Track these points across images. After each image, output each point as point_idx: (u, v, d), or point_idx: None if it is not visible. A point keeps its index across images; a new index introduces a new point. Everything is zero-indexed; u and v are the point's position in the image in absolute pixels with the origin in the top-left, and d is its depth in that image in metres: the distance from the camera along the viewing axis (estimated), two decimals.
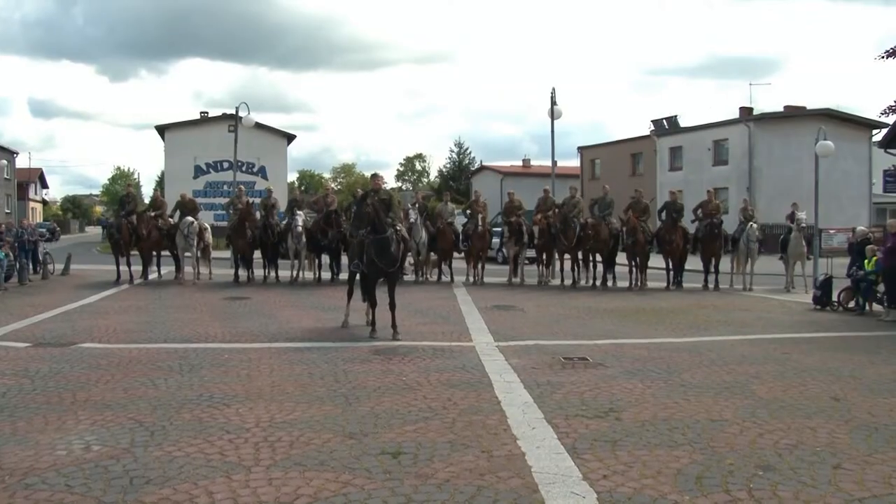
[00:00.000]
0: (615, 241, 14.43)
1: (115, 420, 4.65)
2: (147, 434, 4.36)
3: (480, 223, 14.55)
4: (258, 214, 14.74)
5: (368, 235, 7.75)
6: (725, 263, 14.85)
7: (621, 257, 14.90)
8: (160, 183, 48.43)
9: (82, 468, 3.78)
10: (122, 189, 51.55)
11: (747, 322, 9.62)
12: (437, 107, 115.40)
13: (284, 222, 14.80)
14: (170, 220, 14.65)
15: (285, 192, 34.23)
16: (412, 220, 14.03)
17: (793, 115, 30.86)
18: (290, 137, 39.00)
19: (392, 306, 8.05)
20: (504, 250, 16.94)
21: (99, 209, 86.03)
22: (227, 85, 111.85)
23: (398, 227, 8.30)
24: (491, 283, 15.08)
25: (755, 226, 14.28)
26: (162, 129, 37.11)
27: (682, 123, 35.96)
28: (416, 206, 14.98)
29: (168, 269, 15.30)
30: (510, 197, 15.50)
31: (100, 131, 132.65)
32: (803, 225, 13.80)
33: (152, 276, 14.74)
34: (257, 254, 14.94)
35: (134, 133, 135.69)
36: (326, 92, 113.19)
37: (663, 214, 14.54)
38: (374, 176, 9.35)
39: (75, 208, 76.44)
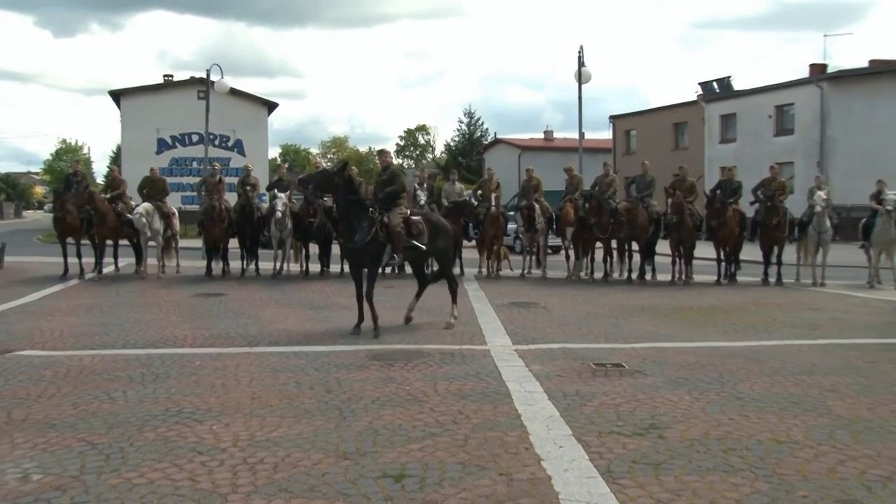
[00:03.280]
0: (655, 227, 14.40)
1: (61, 442, 4.65)
2: (101, 458, 4.37)
3: (494, 206, 14.54)
4: (233, 196, 14.81)
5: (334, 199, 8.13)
6: (790, 253, 14.77)
7: (663, 246, 14.87)
8: (115, 159, 48.87)
9: (18, 503, 3.77)
10: (67, 166, 51.88)
11: (819, 324, 9.55)
12: (443, 70, 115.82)
13: (266, 206, 14.89)
14: (131, 202, 14.73)
15: (266, 170, 34.34)
16: (422, 202, 14.03)
17: (880, 70, 29.70)
18: (271, 106, 39.06)
19: (366, 297, 8.30)
20: (522, 238, 16.97)
21: (40, 190, 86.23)
22: (196, 43, 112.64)
23: (386, 216, 8.42)
24: (508, 276, 15.10)
25: (822, 196, 13.91)
26: (117, 95, 37.17)
27: (737, 86, 35.75)
28: (425, 185, 14.96)
29: (127, 261, 15.41)
30: (528, 174, 15.48)
31: (41, 96, 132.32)
32: (889, 207, 13.45)
33: (108, 269, 14.84)
34: (234, 243, 15.04)
35: (83, 99, 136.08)
36: (314, 52, 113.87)
37: (716, 195, 14.46)
38: (382, 152, 9.53)
39: (10, 189, 75.65)
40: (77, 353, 7.31)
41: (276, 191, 14.21)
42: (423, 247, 8.82)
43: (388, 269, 13.06)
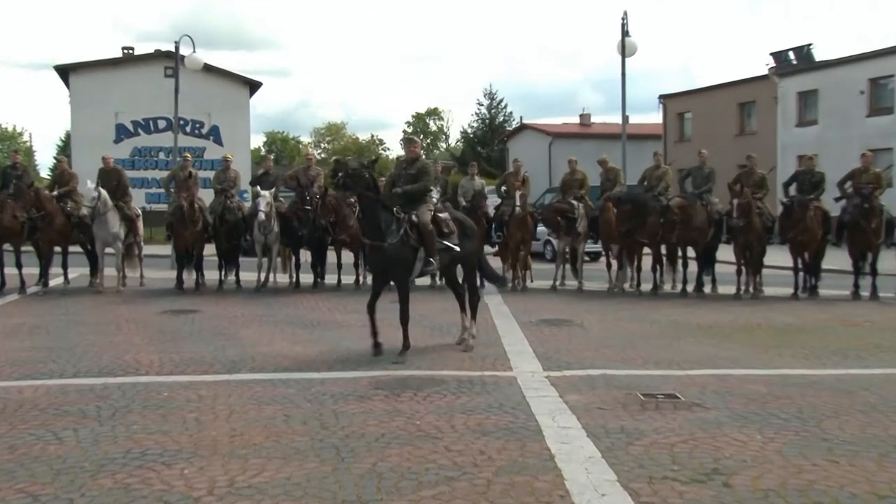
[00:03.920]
0: (716, 229, 14.40)
1: None
2: None
3: (520, 205, 14.63)
4: (209, 194, 14.97)
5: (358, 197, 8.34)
6: (889, 260, 14.70)
7: (725, 251, 14.83)
8: (64, 149, 49.33)
9: None
10: (5, 158, 52.11)
11: None
12: (457, 42, 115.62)
13: (248, 206, 15.08)
14: (83, 200, 14.79)
15: (248, 163, 34.65)
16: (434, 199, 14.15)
17: None
18: (253, 86, 39.49)
19: (401, 320, 8.53)
20: (554, 242, 17.00)
21: None
22: (161, 10, 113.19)
23: (413, 213, 8.61)
24: (537, 288, 15.13)
25: None
26: (65, 71, 37.64)
27: (819, 56, 35.64)
28: (438, 181, 15.06)
29: (79, 272, 15.60)
30: (571, 167, 15.55)
31: None
32: None
33: (56, 281, 15.01)
34: (210, 249, 15.22)
35: (23, 76, 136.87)
36: (302, 22, 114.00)
37: (792, 189, 14.44)
38: (409, 141, 9.73)
39: None
40: (16, 385, 7.40)
41: (258, 188, 14.36)
42: (457, 248, 8.99)
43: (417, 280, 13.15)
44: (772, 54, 37.18)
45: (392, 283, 8.82)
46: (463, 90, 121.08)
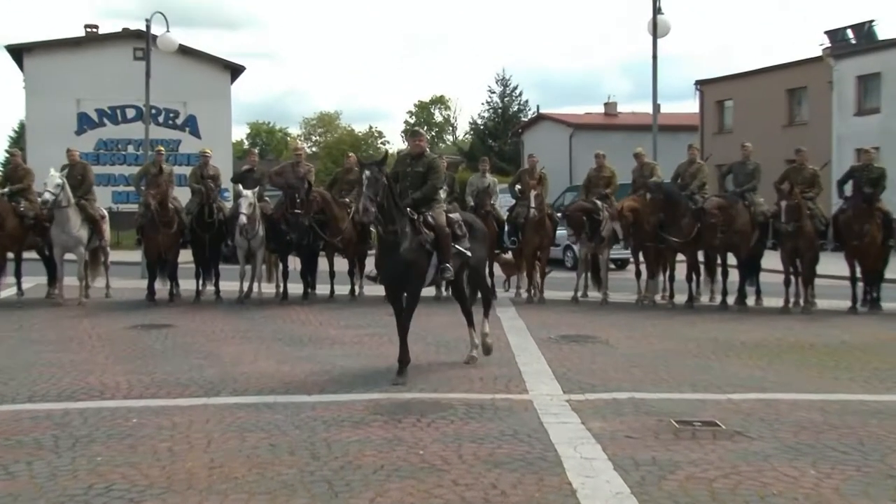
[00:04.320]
0: (761, 233, 14.39)
1: None
2: None
3: (535, 206, 14.65)
4: (185, 193, 14.99)
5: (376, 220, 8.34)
6: None
7: (771, 258, 14.82)
8: (17, 141, 49.53)
9: None
10: None
11: None
12: (466, 22, 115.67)
13: (230, 206, 15.13)
14: (40, 199, 14.82)
15: (230, 157, 34.68)
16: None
17: None
18: (235, 70, 39.72)
19: (400, 329, 8.61)
20: (575, 248, 16.98)
21: None
22: None
23: (429, 214, 8.74)
24: (556, 300, 15.15)
25: None
26: (19, 52, 37.83)
27: (883, 34, 35.59)
28: (444, 179, 15.08)
29: (36, 282, 15.64)
30: (598, 162, 15.57)
31: None
32: None
33: (8, 292, 15.05)
34: (186, 255, 15.23)
35: None
36: None
37: (847, 188, 14.42)
38: (415, 134, 9.73)
39: None
40: None
41: (240, 186, 14.40)
42: (469, 253, 9.09)
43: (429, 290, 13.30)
44: (826, 33, 37.22)
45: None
46: (472, 76, 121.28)
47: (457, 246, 8.96)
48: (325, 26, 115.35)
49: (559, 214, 17.14)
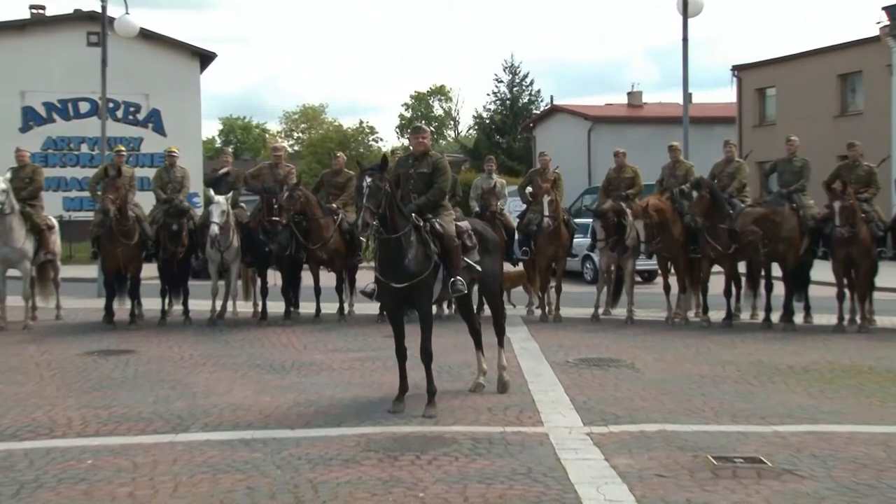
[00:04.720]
0: (810, 241, 14.36)
1: None
2: None
3: (549, 213, 14.64)
4: (149, 198, 14.99)
5: (377, 232, 8.33)
6: None
7: (822, 269, 14.81)
8: None
9: None
10: None
11: None
12: (467, 3, 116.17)
13: (200, 214, 15.12)
14: None
15: (200, 158, 34.70)
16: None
17: None
18: (205, 58, 39.79)
19: (421, 353, 8.59)
20: (595, 259, 16.96)
21: None
22: None
23: (436, 221, 8.75)
24: (574, 317, 15.14)
25: None
26: None
27: None
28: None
29: None
30: (618, 161, 15.58)
31: None
32: None
33: None
34: (150, 270, 15.21)
35: None
36: None
37: None
38: (417, 130, 9.69)
39: None
40: None
41: (211, 191, 14.40)
42: (479, 267, 9.11)
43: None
44: (885, 9, 37.10)
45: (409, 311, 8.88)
46: (477, 63, 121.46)
47: (466, 259, 8.95)
48: (308, 7, 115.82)
49: (581, 220, 17.07)
